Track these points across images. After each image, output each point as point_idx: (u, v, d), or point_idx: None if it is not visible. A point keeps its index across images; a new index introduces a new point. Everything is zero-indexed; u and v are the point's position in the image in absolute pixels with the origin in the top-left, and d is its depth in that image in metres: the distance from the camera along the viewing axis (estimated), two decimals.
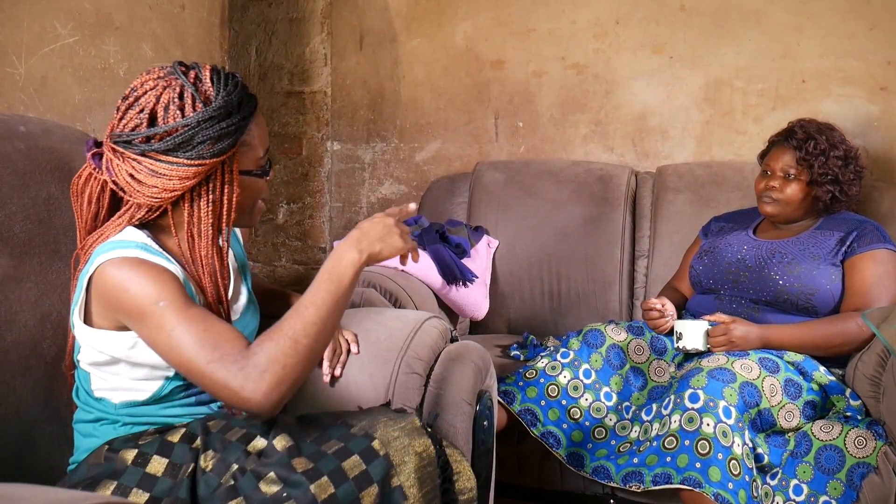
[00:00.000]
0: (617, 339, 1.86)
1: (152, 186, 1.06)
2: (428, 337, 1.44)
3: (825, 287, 1.75)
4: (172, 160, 1.05)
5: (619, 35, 2.58)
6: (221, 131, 1.06)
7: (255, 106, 1.14)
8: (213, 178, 1.10)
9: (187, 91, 1.07)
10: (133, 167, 1.06)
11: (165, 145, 1.05)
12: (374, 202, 2.98)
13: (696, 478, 1.45)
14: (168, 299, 1.01)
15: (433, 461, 1.11)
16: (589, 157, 2.66)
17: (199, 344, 0.98)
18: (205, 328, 1.00)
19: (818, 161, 1.81)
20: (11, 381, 1.16)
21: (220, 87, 1.09)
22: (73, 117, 2.17)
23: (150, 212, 1.10)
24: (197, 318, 1.00)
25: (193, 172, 1.06)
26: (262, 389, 0.97)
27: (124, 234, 1.09)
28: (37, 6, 2.04)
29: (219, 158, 1.07)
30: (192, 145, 1.05)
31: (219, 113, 1.06)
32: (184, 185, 1.06)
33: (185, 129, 1.05)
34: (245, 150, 1.13)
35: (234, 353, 0.98)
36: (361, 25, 2.91)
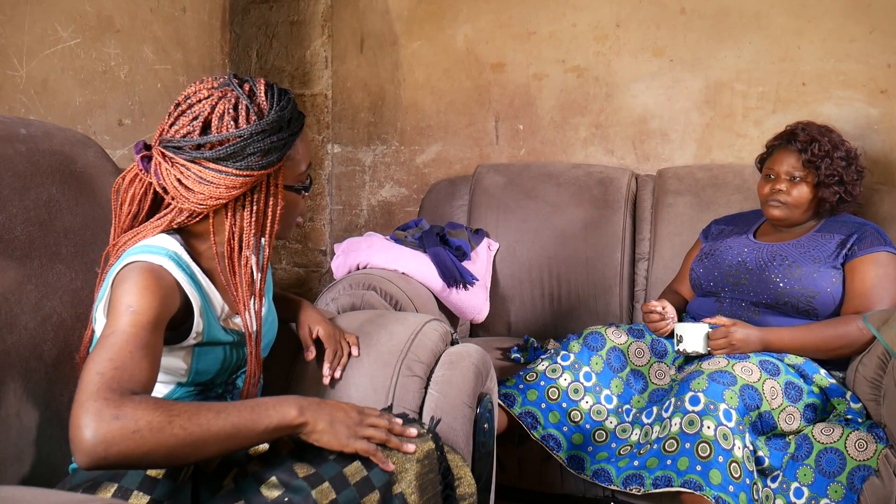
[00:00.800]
0: (617, 341, 1.86)
1: (199, 193, 1.08)
2: (428, 340, 1.44)
3: (826, 290, 1.75)
4: (221, 169, 1.07)
5: (619, 38, 2.59)
6: (271, 145, 1.09)
7: (303, 123, 1.17)
8: (258, 189, 1.12)
9: (242, 103, 1.09)
10: (181, 173, 1.08)
11: (216, 154, 1.07)
12: (374, 205, 2.99)
13: (696, 481, 1.45)
14: (140, 312, 0.98)
15: (435, 467, 1.11)
16: (589, 159, 2.66)
17: (111, 357, 0.93)
18: (132, 352, 0.94)
19: (824, 162, 1.81)
20: (11, 383, 1.16)
21: (274, 101, 1.11)
22: (74, 120, 2.17)
23: (191, 217, 1.12)
24: (140, 342, 0.96)
25: (241, 183, 1.08)
26: (97, 433, 0.85)
27: (157, 240, 1.10)
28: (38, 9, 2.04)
29: (266, 171, 1.10)
30: (242, 156, 1.07)
31: (271, 127, 1.08)
32: (230, 194, 1.08)
33: (237, 140, 1.07)
34: (290, 165, 1.15)
35: (119, 388, 0.89)
36: (362, 28, 2.92)
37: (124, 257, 1.07)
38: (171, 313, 1.05)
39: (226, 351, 1.18)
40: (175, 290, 1.06)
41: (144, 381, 0.94)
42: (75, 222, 1.30)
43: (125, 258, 1.06)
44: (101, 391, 0.88)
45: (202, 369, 1.15)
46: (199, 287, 1.12)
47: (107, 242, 1.19)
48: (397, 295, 2.01)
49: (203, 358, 1.14)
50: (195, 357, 1.14)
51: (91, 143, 1.42)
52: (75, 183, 1.32)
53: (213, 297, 1.16)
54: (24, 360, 1.18)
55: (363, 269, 2.20)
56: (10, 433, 1.16)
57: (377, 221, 2.99)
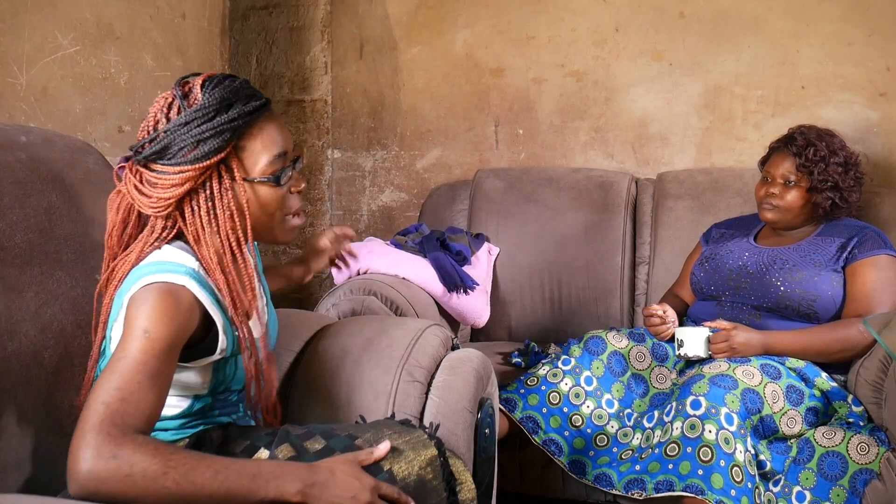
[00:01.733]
0: (618, 345, 1.86)
1: (149, 196, 1.05)
2: (429, 345, 1.44)
3: (826, 293, 1.75)
4: (160, 168, 1.05)
5: (618, 42, 2.59)
6: (200, 135, 1.03)
7: (254, 108, 1.08)
8: (209, 185, 1.07)
9: (176, 100, 1.06)
10: (138, 178, 1.07)
11: (151, 153, 1.04)
12: (374, 210, 2.99)
13: (698, 485, 1.44)
14: (155, 339, 0.96)
15: (438, 474, 1.10)
16: (589, 163, 2.66)
17: (119, 387, 0.91)
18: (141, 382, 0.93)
19: (818, 168, 1.81)
20: (12, 390, 1.16)
21: (207, 90, 1.06)
22: (74, 127, 2.17)
23: (165, 229, 1.08)
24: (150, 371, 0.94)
25: (179, 180, 1.04)
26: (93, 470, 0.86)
27: (173, 256, 1.06)
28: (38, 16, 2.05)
29: (201, 164, 1.04)
30: (172, 152, 1.04)
31: (196, 116, 1.03)
32: (173, 193, 1.04)
33: (164, 135, 1.04)
34: (246, 156, 1.08)
35: (123, 423, 0.89)
36: (361, 34, 2.92)
37: (140, 276, 1.03)
38: (188, 337, 1.03)
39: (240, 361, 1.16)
40: (194, 313, 1.03)
41: (149, 414, 0.93)
42: (76, 229, 1.30)
43: (142, 278, 1.02)
44: (105, 424, 0.88)
45: (220, 380, 1.14)
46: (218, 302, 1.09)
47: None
48: (398, 300, 2.01)
49: (222, 370, 1.14)
50: (215, 370, 1.13)
51: (91, 150, 1.42)
52: (76, 190, 1.32)
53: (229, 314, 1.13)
54: (24, 367, 1.18)
55: (363, 274, 2.20)
56: (11, 441, 1.16)
57: (377, 226, 2.99)
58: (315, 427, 1.15)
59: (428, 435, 1.14)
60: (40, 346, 1.21)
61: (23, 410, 1.18)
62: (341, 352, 1.43)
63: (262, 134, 1.09)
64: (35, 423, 1.20)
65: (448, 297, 2.25)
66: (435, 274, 2.23)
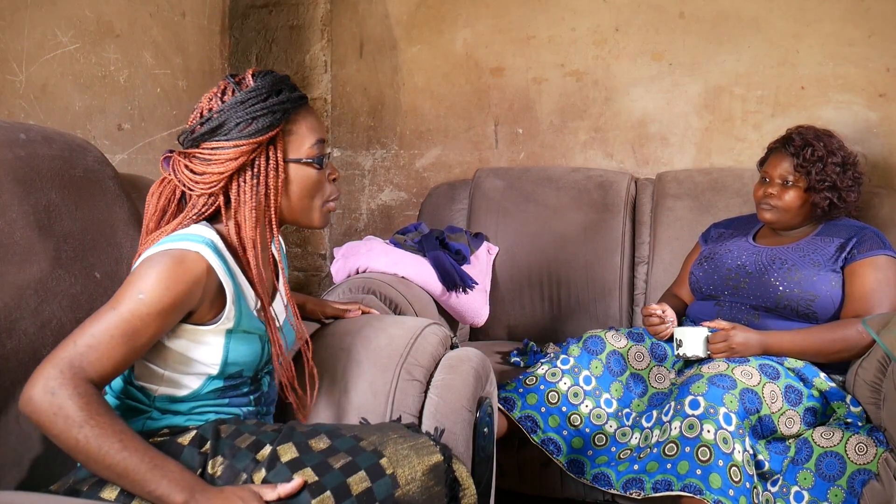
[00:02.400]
0: (617, 345, 1.86)
1: (203, 173, 1.13)
2: (428, 343, 1.44)
3: (825, 293, 1.75)
4: (215, 145, 1.13)
5: (618, 42, 2.59)
6: (255, 113, 1.13)
7: (299, 97, 1.19)
8: (258, 162, 1.15)
9: (229, 86, 1.16)
10: (190, 161, 1.15)
11: (206, 131, 1.13)
12: (373, 209, 2.99)
13: (696, 485, 1.44)
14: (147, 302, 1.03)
15: (441, 480, 1.10)
16: (589, 163, 2.66)
17: (94, 333, 1.00)
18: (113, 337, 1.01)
19: (815, 168, 1.81)
20: (11, 388, 1.16)
21: (258, 77, 1.17)
22: (74, 125, 2.17)
23: (206, 206, 1.16)
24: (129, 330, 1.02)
25: (234, 154, 1.12)
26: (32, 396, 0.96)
27: (194, 229, 1.14)
28: (38, 14, 2.04)
29: (255, 139, 1.12)
30: (228, 127, 1.13)
31: (251, 96, 1.13)
32: (227, 167, 1.13)
33: (220, 114, 1.13)
34: (291, 139, 1.18)
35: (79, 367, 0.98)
36: (361, 33, 2.92)
37: (160, 244, 1.10)
38: (192, 304, 1.09)
39: (258, 340, 1.20)
40: (202, 279, 1.08)
41: (109, 368, 1.01)
42: (75, 227, 1.30)
43: (160, 245, 1.10)
44: (62, 361, 0.98)
45: (232, 360, 1.16)
46: (233, 276, 1.15)
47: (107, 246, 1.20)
48: (397, 299, 2.01)
49: (235, 348, 1.16)
50: (227, 346, 1.15)
51: (91, 147, 1.42)
52: (75, 188, 1.32)
53: (246, 287, 1.18)
54: (23, 365, 1.18)
55: (363, 273, 2.20)
56: (10, 438, 1.16)
57: (377, 225, 2.99)
58: (321, 426, 1.16)
59: (433, 441, 1.14)
60: (39, 343, 1.21)
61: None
62: (340, 350, 1.43)
63: (305, 120, 1.19)
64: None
65: (447, 296, 2.25)
66: (434, 273, 2.23)
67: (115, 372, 1.02)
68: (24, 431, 1.18)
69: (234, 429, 1.14)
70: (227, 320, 1.14)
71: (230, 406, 1.21)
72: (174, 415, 1.16)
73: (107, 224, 1.37)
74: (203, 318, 1.13)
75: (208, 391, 1.17)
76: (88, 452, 0.96)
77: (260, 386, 1.26)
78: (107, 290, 1.32)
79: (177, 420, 1.16)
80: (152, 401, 1.15)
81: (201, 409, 1.17)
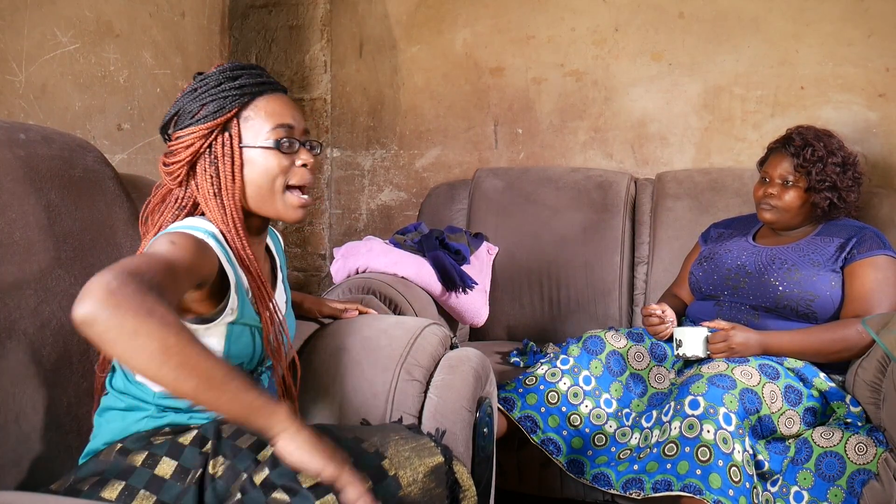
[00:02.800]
0: (617, 345, 1.86)
1: (170, 164, 1.18)
2: (428, 344, 1.44)
3: (825, 293, 1.75)
4: (177, 134, 1.17)
5: (618, 42, 2.59)
6: (204, 99, 1.16)
7: (259, 83, 1.19)
8: (214, 149, 1.16)
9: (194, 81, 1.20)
10: (165, 154, 1.20)
11: (165, 122, 1.20)
12: (373, 209, 2.99)
13: (696, 485, 1.44)
14: (179, 249, 1.01)
15: (442, 482, 1.10)
16: (588, 163, 2.66)
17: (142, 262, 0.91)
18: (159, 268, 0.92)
19: (816, 168, 1.81)
20: (11, 388, 1.16)
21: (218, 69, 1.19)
22: (73, 125, 2.17)
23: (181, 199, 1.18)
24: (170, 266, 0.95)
25: (189, 140, 1.16)
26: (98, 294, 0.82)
27: (195, 221, 1.15)
28: (37, 14, 2.04)
29: (205, 125, 1.15)
30: (182, 116, 1.17)
31: (200, 84, 1.17)
32: (186, 154, 1.16)
33: (176, 103, 1.19)
34: (248, 125, 1.18)
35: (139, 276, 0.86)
36: (361, 33, 2.92)
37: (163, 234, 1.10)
38: (206, 276, 1.07)
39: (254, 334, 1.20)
40: (213, 257, 1.10)
41: (163, 287, 0.90)
42: (74, 227, 1.30)
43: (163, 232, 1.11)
44: (123, 267, 0.87)
45: (233, 353, 1.16)
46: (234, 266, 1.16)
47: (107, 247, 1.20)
48: (397, 299, 2.01)
49: (236, 340, 1.16)
50: (228, 338, 1.15)
51: (90, 147, 1.42)
52: (74, 188, 1.32)
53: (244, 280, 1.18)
54: (23, 365, 1.18)
55: (362, 273, 2.20)
56: (9, 438, 1.16)
57: (376, 225, 2.99)
58: (321, 427, 1.16)
59: (435, 442, 1.14)
60: (39, 343, 1.21)
61: (21, 408, 1.18)
62: (340, 350, 1.43)
63: (267, 106, 1.19)
64: (33, 421, 1.20)
65: (447, 296, 2.25)
66: (434, 273, 2.23)
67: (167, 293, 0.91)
68: (23, 431, 1.18)
69: (236, 429, 1.14)
70: (230, 312, 1.13)
71: None
72: (175, 412, 1.16)
73: (106, 224, 1.36)
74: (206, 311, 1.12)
75: None
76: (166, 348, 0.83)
77: (260, 382, 1.26)
78: None
79: (179, 418, 1.16)
80: (152, 398, 1.15)
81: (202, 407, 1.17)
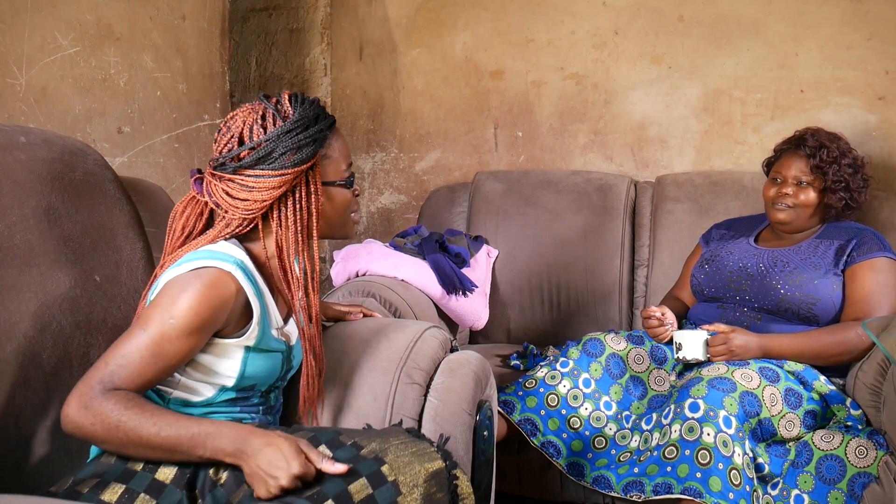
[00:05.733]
0: (616, 348, 1.86)
1: (245, 200, 1.16)
2: (428, 347, 1.44)
3: (826, 296, 1.75)
4: (259, 173, 1.16)
5: (617, 45, 2.59)
6: (300, 142, 1.16)
7: (332, 121, 1.24)
8: (298, 188, 1.18)
9: (269, 112, 1.19)
10: (228, 186, 1.17)
11: (252, 160, 1.15)
12: (373, 212, 2.99)
13: (696, 488, 1.44)
14: (177, 326, 1.07)
15: (443, 487, 1.10)
16: (588, 166, 2.66)
17: (125, 353, 1.06)
18: (144, 358, 1.06)
19: (832, 168, 1.82)
20: (10, 391, 1.16)
21: (297, 105, 1.20)
22: (74, 128, 2.17)
23: (240, 227, 1.19)
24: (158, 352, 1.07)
25: (279, 182, 1.15)
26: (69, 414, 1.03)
27: (222, 247, 1.17)
28: (38, 17, 2.05)
29: (300, 168, 1.16)
30: (274, 157, 1.15)
31: (296, 126, 1.17)
32: (271, 195, 1.16)
33: (266, 143, 1.15)
34: (327, 163, 1.22)
35: (109, 382, 1.04)
36: (361, 36, 2.93)
37: (184, 261, 1.13)
38: (220, 323, 1.13)
39: (273, 359, 1.23)
40: (231, 301, 1.12)
41: (141, 382, 1.07)
42: (75, 230, 1.30)
43: (190, 261, 1.13)
44: (94, 380, 1.04)
45: (249, 374, 1.20)
46: (261, 296, 1.19)
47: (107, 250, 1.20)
48: (396, 302, 2.01)
49: (252, 363, 1.19)
50: (245, 361, 1.19)
51: (90, 151, 1.42)
52: (75, 191, 1.32)
53: (271, 307, 1.22)
54: (22, 368, 1.18)
55: (362, 276, 2.20)
56: (9, 441, 1.16)
57: (376, 228, 2.99)
58: (322, 433, 1.15)
59: (436, 447, 1.14)
60: (39, 346, 1.21)
61: (21, 411, 1.18)
62: (340, 353, 1.43)
63: (338, 144, 1.25)
64: (33, 424, 1.20)
65: (447, 299, 2.25)
66: (434, 276, 2.23)
67: (147, 384, 1.08)
68: (23, 434, 1.18)
69: None
70: (248, 338, 1.18)
71: (241, 413, 1.23)
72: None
73: (106, 227, 1.37)
74: (227, 332, 1.16)
75: (221, 400, 1.20)
76: (135, 443, 1.03)
77: (269, 399, 1.29)
78: (106, 294, 1.32)
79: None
80: (166, 402, 1.17)
81: (213, 415, 1.19)
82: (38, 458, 1.19)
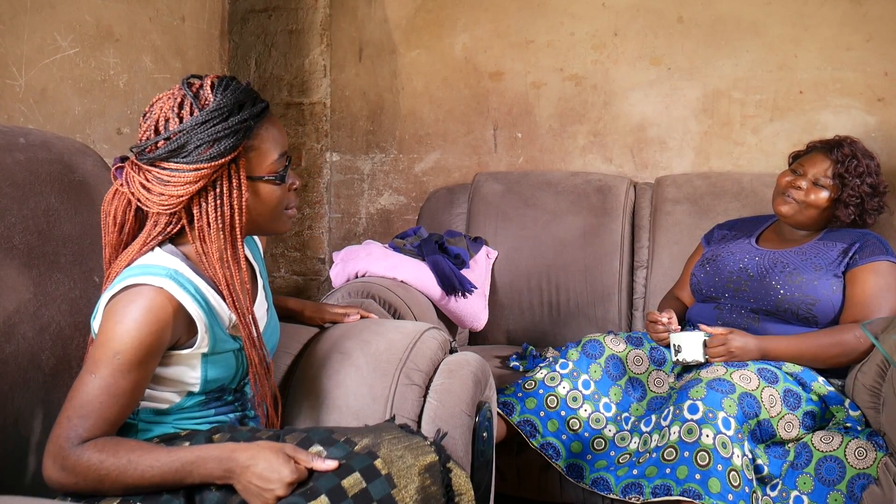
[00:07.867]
0: (616, 349, 1.86)
1: (160, 194, 1.10)
2: (427, 348, 1.44)
3: (826, 297, 1.75)
4: (174, 167, 1.09)
5: (617, 46, 2.59)
6: (217, 134, 1.08)
7: (261, 110, 1.14)
8: (220, 183, 1.11)
9: (187, 99, 1.11)
10: (145, 177, 1.11)
11: (165, 152, 1.08)
12: (373, 213, 2.99)
13: (695, 489, 1.44)
14: (124, 360, 1.04)
15: (437, 480, 1.10)
16: (588, 167, 2.67)
17: (83, 404, 1.03)
18: (103, 402, 1.03)
19: (853, 182, 1.81)
20: (10, 392, 1.16)
21: (219, 91, 1.11)
22: (73, 129, 2.17)
23: (169, 225, 1.13)
24: (116, 390, 1.04)
25: (194, 177, 1.08)
26: (51, 477, 1.02)
27: (155, 258, 1.12)
28: (37, 18, 2.05)
29: (217, 162, 1.09)
30: (188, 150, 1.08)
31: (213, 116, 1.09)
32: (187, 190, 1.09)
33: (180, 135, 1.08)
34: (253, 155, 1.14)
35: (77, 437, 1.01)
36: (361, 37, 2.93)
37: (122, 278, 1.08)
38: (167, 344, 1.09)
39: (234, 356, 1.20)
40: (171, 321, 1.08)
41: (111, 422, 1.04)
42: (74, 231, 1.30)
43: (123, 279, 1.08)
44: (60, 439, 1.01)
45: (212, 377, 1.17)
46: (205, 301, 1.14)
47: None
48: (396, 303, 2.01)
49: (212, 367, 1.16)
50: (204, 366, 1.16)
51: (90, 151, 1.42)
52: (74, 192, 1.33)
53: (220, 308, 1.17)
54: (22, 369, 1.18)
55: (362, 277, 2.20)
56: (9, 442, 1.16)
57: (376, 230, 2.99)
58: (314, 432, 1.15)
59: (430, 442, 1.14)
60: (38, 347, 1.21)
61: (20, 412, 1.18)
62: (339, 354, 1.43)
63: (267, 135, 1.15)
64: (32, 425, 1.20)
65: (446, 300, 2.25)
66: (433, 277, 2.23)
67: (117, 422, 1.06)
68: (22, 435, 1.18)
69: (229, 437, 1.14)
70: (200, 346, 1.14)
71: (216, 415, 1.21)
72: (161, 424, 1.16)
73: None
74: (181, 342, 1.13)
75: (191, 404, 1.18)
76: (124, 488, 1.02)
77: (243, 393, 1.26)
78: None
79: (165, 428, 1.16)
80: (136, 415, 1.16)
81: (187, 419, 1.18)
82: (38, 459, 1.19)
